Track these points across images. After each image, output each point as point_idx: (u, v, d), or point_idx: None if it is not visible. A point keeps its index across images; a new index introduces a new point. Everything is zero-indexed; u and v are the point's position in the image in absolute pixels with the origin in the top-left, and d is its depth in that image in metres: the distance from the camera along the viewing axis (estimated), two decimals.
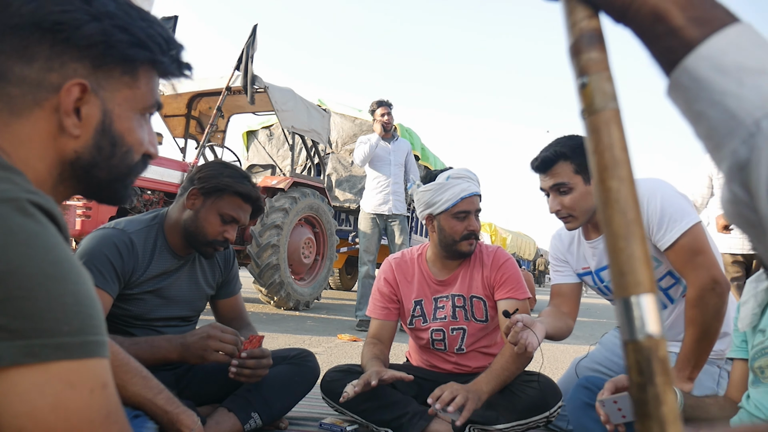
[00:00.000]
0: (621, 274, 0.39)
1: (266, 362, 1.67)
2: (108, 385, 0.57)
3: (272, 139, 7.95)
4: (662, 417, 0.36)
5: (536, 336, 1.53)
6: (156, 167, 4.86)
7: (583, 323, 6.90)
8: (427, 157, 8.20)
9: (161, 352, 1.54)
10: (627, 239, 0.39)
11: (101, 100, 0.67)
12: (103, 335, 0.57)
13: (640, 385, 0.37)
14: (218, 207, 1.67)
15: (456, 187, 1.94)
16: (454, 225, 1.95)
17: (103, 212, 4.33)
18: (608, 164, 0.41)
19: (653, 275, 0.38)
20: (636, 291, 0.38)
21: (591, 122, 0.42)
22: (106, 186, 0.73)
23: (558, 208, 1.79)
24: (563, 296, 2.00)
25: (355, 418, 1.91)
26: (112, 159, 0.70)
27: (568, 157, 1.75)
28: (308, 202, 5.98)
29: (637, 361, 0.37)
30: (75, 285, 0.55)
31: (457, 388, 1.70)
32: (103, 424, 0.55)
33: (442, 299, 2.03)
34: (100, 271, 1.53)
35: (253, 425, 1.70)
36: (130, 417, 1.22)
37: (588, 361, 2.16)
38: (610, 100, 0.42)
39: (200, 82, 5.86)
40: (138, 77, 0.70)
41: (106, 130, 0.68)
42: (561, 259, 2.02)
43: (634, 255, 0.38)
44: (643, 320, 0.37)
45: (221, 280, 1.91)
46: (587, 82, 0.42)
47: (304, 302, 6.01)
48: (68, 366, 0.53)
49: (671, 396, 0.36)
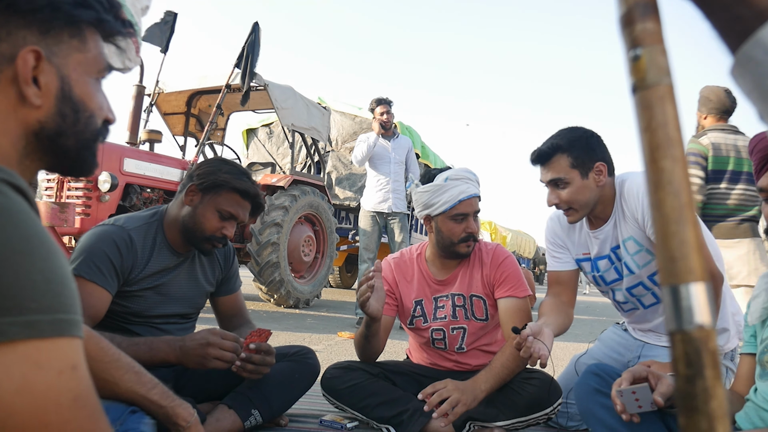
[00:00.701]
0: (671, 260, 0.37)
1: (270, 360, 1.66)
2: (78, 366, 0.54)
3: (272, 137, 7.94)
4: (711, 412, 0.34)
5: (546, 345, 1.52)
6: (156, 165, 4.85)
7: (583, 321, 6.90)
8: (428, 155, 8.19)
9: (160, 355, 1.52)
10: (679, 223, 0.37)
11: (56, 67, 0.66)
12: (75, 314, 0.54)
13: (688, 378, 0.35)
14: (216, 203, 1.66)
15: (454, 189, 1.91)
16: (452, 227, 1.93)
17: (103, 209, 4.33)
18: (661, 143, 0.38)
19: (705, 263, 0.37)
20: (687, 279, 0.36)
21: (643, 97, 0.39)
22: (75, 155, 0.71)
23: (556, 201, 1.80)
24: (562, 284, 2.00)
25: (356, 414, 1.91)
26: (77, 125, 0.69)
27: (565, 150, 1.76)
28: (308, 200, 5.98)
29: (686, 353, 0.35)
30: (45, 261, 0.52)
31: (450, 388, 1.69)
32: (70, 408, 0.52)
33: (442, 299, 2.02)
34: (99, 268, 1.52)
35: (254, 422, 1.70)
36: (127, 412, 1.21)
37: (587, 358, 2.16)
38: (664, 75, 0.39)
39: (200, 79, 5.85)
40: (86, 40, 0.69)
41: (67, 96, 0.67)
42: (559, 244, 2.02)
43: (686, 240, 0.37)
44: (693, 310, 0.36)
45: (221, 277, 1.90)
46: (640, 54, 0.39)
47: (304, 300, 6.01)
48: (36, 345, 0.50)
49: (720, 390, 0.34)
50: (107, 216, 4.26)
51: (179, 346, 1.53)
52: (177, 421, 1.27)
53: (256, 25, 5.24)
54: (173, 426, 1.28)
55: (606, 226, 1.86)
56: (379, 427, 1.87)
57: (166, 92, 5.92)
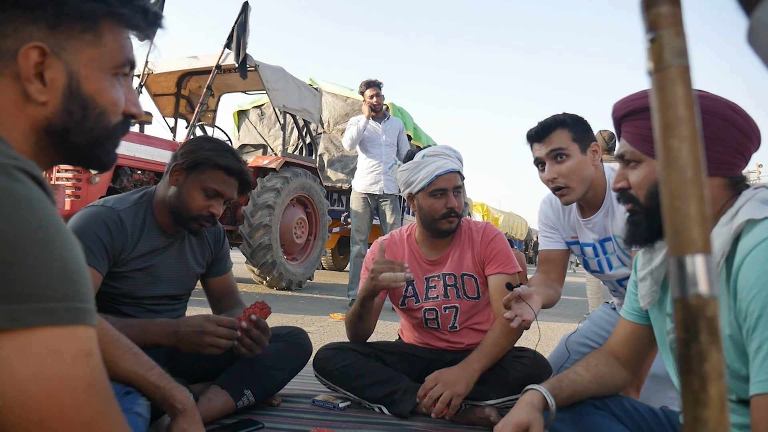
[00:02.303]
0: (675, 233, 0.39)
1: (264, 340, 1.67)
2: (92, 353, 0.55)
3: (263, 119, 7.89)
4: (704, 373, 0.37)
5: (532, 309, 1.54)
6: (146, 147, 4.82)
7: (573, 301, 6.97)
8: (419, 136, 8.17)
9: (153, 338, 1.52)
10: (683, 199, 0.39)
11: (64, 63, 0.65)
12: (89, 303, 0.56)
13: (684, 341, 0.38)
14: (200, 181, 1.65)
15: (431, 165, 1.91)
16: (432, 203, 1.93)
17: (93, 191, 4.30)
18: (670, 122, 0.40)
19: (709, 236, 0.39)
20: (689, 250, 0.39)
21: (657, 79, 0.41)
22: (86, 151, 0.71)
23: (554, 176, 1.75)
24: (552, 263, 2.02)
25: (348, 394, 1.92)
26: (86, 122, 0.68)
27: (567, 125, 1.75)
28: (300, 182, 5.96)
29: (684, 319, 0.38)
30: (61, 250, 0.54)
31: (440, 386, 1.69)
32: (84, 393, 0.54)
33: (434, 278, 2.03)
34: (90, 249, 1.52)
35: (246, 402, 1.71)
36: (121, 393, 1.22)
37: (577, 336, 2.19)
38: (678, 57, 0.40)
39: (190, 60, 5.79)
40: (102, 34, 0.67)
41: (74, 93, 0.66)
42: (550, 225, 2.03)
43: (689, 215, 0.39)
44: (694, 279, 0.38)
45: (211, 258, 1.89)
46: (656, 37, 0.41)
47: (297, 282, 6.02)
48: (52, 332, 0.52)
49: (715, 354, 0.37)
50: (97, 198, 4.23)
51: (173, 331, 1.53)
52: (173, 403, 1.28)
53: (246, 5, 5.18)
54: (169, 408, 1.29)
55: (596, 216, 1.86)
56: (371, 407, 1.88)
57: (155, 73, 5.85)
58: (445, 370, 1.75)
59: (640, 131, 1.07)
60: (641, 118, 1.07)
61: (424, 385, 1.71)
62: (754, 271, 0.87)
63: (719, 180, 1.02)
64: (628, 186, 1.09)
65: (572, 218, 1.96)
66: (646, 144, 1.06)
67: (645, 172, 1.07)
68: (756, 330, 0.87)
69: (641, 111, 1.07)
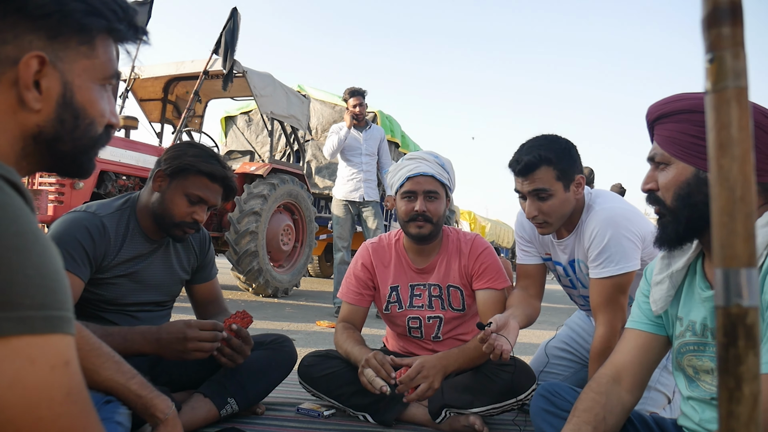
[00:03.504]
0: (722, 247, 0.42)
1: (246, 349, 1.65)
2: (70, 362, 0.55)
3: (251, 125, 7.86)
4: (739, 374, 0.41)
5: (509, 341, 1.54)
6: (132, 152, 4.78)
7: (552, 309, 7.02)
8: (407, 144, 8.19)
9: (134, 347, 1.50)
10: (731, 216, 0.42)
11: (60, 72, 0.66)
12: (67, 311, 0.55)
13: (723, 345, 0.42)
14: (184, 187, 1.63)
15: (404, 168, 1.92)
16: (402, 206, 1.93)
17: (77, 196, 4.26)
18: (723, 143, 0.42)
19: (754, 251, 0.42)
20: (734, 264, 0.42)
21: (713, 99, 0.43)
22: (71, 159, 0.71)
23: (535, 213, 1.74)
24: (530, 278, 2.01)
25: (333, 402, 1.92)
26: (75, 132, 0.69)
27: (552, 163, 1.70)
28: (287, 189, 5.94)
29: (725, 325, 0.42)
30: (39, 258, 0.53)
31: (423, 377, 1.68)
32: (63, 403, 0.53)
33: (419, 287, 2.03)
34: (71, 255, 1.50)
35: (230, 411, 1.69)
36: (101, 402, 1.20)
37: (556, 341, 2.23)
38: (735, 78, 0.42)
39: (177, 65, 5.76)
40: (95, 47, 0.69)
41: (68, 102, 0.67)
42: (526, 239, 2.03)
43: (736, 231, 0.42)
44: (738, 290, 0.41)
45: (196, 264, 1.88)
46: (715, 58, 0.42)
47: (283, 289, 5.99)
48: (29, 341, 0.51)
49: (751, 358, 0.41)
50: (81, 203, 4.19)
51: (155, 339, 1.51)
52: (154, 413, 1.26)
53: (235, 11, 5.17)
54: (150, 417, 1.27)
55: (569, 239, 1.86)
56: (356, 415, 1.88)
57: (142, 78, 5.82)
58: (429, 361, 1.72)
59: (670, 134, 1.08)
60: (673, 120, 1.08)
61: (409, 373, 1.69)
62: None
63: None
64: (656, 188, 1.11)
65: (546, 237, 1.97)
66: (676, 146, 1.07)
67: (673, 174, 1.08)
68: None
69: (673, 114, 1.08)
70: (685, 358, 1.16)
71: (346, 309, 2.06)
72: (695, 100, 1.06)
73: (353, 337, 1.93)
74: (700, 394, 1.14)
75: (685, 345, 1.16)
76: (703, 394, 1.13)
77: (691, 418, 1.15)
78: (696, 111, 1.05)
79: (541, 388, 1.43)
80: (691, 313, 1.15)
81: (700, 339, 1.13)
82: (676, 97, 1.10)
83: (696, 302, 1.15)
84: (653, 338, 1.24)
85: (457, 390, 1.80)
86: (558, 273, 2.00)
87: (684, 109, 1.06)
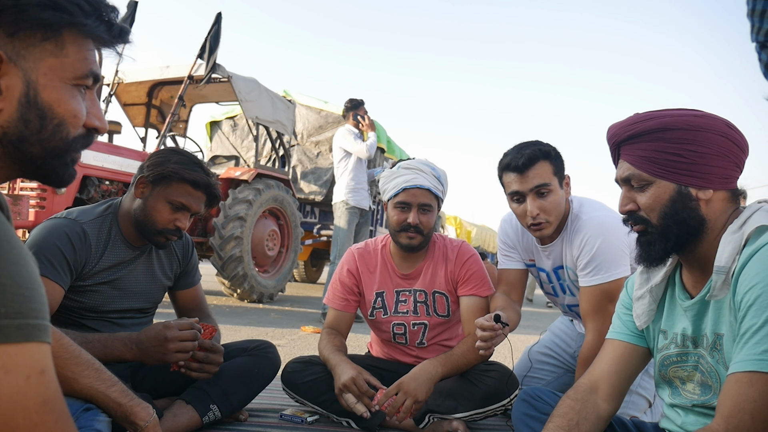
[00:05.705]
0: None
1: (216, 358, 1.62)
2: (46, 371, 0.54)
3: (236, 130, 7.83)
4: None
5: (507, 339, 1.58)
6: (115, 157, 4.74)
7: (537, 314, 7.06)
8: (393, 149, 8.21)
9: (115, 353, 1.48)
10: None
11: (22, 70, 0.63)
12: (43, 319, 0.55)
13: None
14: (166, 194, 1.63)
15: (401, 178, 1.92)
16: (394, 215, 1.94)
17: (58, 202, 4.21)
18: None
19: None
20: None
21: None
22: (42, 163, 0.68)
23: (537, 212, 1.71)
24: (512, 284, 2.02)
25: (316, 408, 1.91)
26: (42, 132, 0.66)
27: (549, 157, 1.72)
28: (272, 194, 5.93)
29: None
30: (14, 266, 0.53)
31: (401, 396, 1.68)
32: (38, 412, 0.53)
33: (405, 293, 2.03)
34: (51, 262, 1.48)
35: (212, 417, 1.68)
36: (80, 410, 1.19)
37: (539, 346, 2.25)
38: None
39: (161, 70, 5.73)
40: (64, 44, 0.66)
41: (32, 101, 0.65)
42: (510, 245, 2.04)
43: None
44: None
45: (179, 270, 1.87)
46: None
47: (268, 295, 5.97)
48: (3, 350, 0.51)
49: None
50: (63, 209, 4.14)
51: (135, 344, 1.49)
52: (135, 421, 1.25)
53: (219, 16, 5.16)
54: (131, 425, 1.26)
55: (554, 245, 1.87)
56: (339, 421, 1.88)
57: (126, 82, 5.78)
58: (407, 378, 1.73)
59: (646, 153, 1.08)
60: (646, 140, 1.09)
61: (387, 392, 1.71)
62: (754, 268, 0.94)
63: (723, 193, 1.08)
64: (636, 208, 1.12)
65: (530, 243, 1.98)
66: (654, 166, 1.08)
67: (655, 193, 1.09)
68: (745, 318, 0.93)
69: (646, 134, 1.09)
70: (670, 370, 1.18)
71: (332, 315, 2.07)
72: (667, 118, 1.08)
73: (333, 343, 1.94)
74: (681, 402, 1.15)
75: (668, 357, 1.17)
76: (685, 401, 1.15)
77: (674, 421, 1.17)
78: (670, 129, 1.06)
79: (523, 392, 1.44)
80: (675, 325, 1.17)
81: (682, 349, 1.14)
82: (643, 116, 1.11)
83: (678, 313, 1.16)
84: (633, 349, 1.25)
85: (441, 395, 1.80)
86: (541, 279, 2.01)
87: (657, 128, 1.08)
